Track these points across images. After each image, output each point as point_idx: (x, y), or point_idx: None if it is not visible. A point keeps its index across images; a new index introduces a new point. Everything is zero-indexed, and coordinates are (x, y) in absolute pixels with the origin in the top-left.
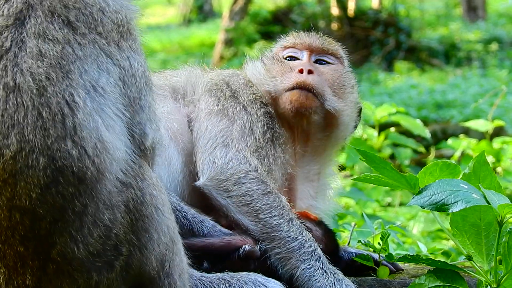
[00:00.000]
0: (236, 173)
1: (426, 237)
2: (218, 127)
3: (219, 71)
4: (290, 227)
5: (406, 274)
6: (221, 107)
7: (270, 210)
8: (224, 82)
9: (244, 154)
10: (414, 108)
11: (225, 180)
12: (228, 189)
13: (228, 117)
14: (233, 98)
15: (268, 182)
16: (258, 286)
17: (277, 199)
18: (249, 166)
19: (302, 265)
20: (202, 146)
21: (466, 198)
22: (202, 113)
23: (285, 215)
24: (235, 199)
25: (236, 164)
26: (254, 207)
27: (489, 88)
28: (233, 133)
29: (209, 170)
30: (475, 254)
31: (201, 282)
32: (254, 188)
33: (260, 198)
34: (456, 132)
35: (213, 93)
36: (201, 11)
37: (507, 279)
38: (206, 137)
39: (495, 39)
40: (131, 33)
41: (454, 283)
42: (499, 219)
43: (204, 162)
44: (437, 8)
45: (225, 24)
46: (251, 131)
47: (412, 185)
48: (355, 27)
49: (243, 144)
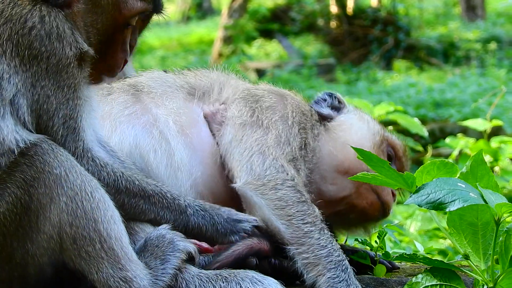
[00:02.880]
0: (273, 179)
1: (423, 236)
2: (253, 137)
3: (263, 85)
4: (321, 235)
5: (403, 272)
6: (255, 118)
7: (303, 217)
8: (271, 93)
9: (281, 163)
10: (412, 106)
11: (262, 185)
12: (264, 193)
13: (263, 127)
14: (270, 110)
15: (303, 192)
16: (255, 283)
17: (311, 208)
18: (286, 175)
19: (328, 273)
20: (239, 154)
21: (463, 197)
22: (235, 120)
23: (317, 223)
24: (269, 202)
25: (273, 172)
26: (288, 212)
27: (488, 87)
28: (268, 141)
29: (246, 176)
30: (472, 253)
31: (199, 278)
32: (290, 195)
33: (294, 204)
34: (454, 131)
35: (248, 103)
36: (200, 8)
37: (504, 278)
38: (242, 147)
39: (494, 38)
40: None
41: (451, 282)
42: (496, 218)
43: (242, 169)
44: (436, 7)
45: (224, 21)
46: (287, 141)
47: (410, 183)
48: (354, 25)
49: (280, 152)
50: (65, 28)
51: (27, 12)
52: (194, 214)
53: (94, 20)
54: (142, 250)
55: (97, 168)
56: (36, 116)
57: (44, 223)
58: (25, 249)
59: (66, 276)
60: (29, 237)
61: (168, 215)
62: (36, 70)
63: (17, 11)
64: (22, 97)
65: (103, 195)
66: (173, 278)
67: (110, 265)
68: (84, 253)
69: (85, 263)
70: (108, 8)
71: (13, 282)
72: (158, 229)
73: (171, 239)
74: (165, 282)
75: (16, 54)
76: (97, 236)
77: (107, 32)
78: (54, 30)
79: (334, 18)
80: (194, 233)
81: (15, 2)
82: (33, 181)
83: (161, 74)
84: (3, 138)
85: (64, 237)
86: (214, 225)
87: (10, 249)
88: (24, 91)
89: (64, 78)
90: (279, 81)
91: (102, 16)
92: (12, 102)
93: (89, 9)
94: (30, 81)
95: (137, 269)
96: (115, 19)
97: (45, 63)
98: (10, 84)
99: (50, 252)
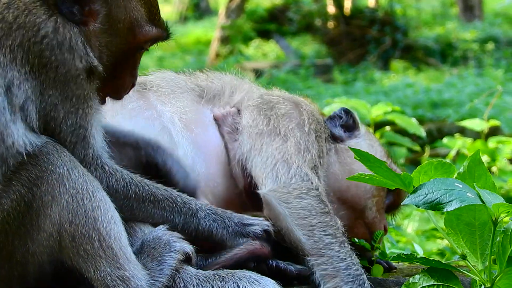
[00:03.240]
0: (298, 188)
1: (421, 236)
2: (273, 145)
3: (277, 91)
4: (341, 248)
5: (400, 273)
6: (271, 127)
7: (325, 228)
8: (285, 100)
9: (306, 171)
10: (410, 107)
11: (287, 193)
12: (288, 201)
13: (281, 135)
14: (285, 117)
15: (327, 202)
16: (252, 283)
17: (333, 220)
18: (311, 184)
19: (345, 286)
20: (262, 163)
21: (460, 197)
22: (251, 130)
23: (338, 236)
24: (293, 211)
25: (299, 181)
26: (311, 222)
27: (485, 88)
28: (289, 149)
29: (272, 183)
30: (470, 254)
31: (197, 277)
32: (314, 204)
33: (318, 215)
34: (451, 131)
35: (262, 111)
36: (197, 9)
37: (501, 278)
38: (264, 155)
39: (491, 38)
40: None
41: (448, 282)
42: (493, 218)
43: (267, 177)
44: (434, 7)
45: (221, 21)
46: (306, 148)
47: (407, 184)
48: (352, 25)
49: (302, 160)
50: (78, 41)
51: (42, 21)
52: (205, 217)
53: (109, 42)
54: (139, 251)
55: (105, 175)
56: (44, 122)
57: (44, 221)
58: (25, 248)
59: (65, 276)
60: (30, 236)
61: (178, 219)
62: (45, 79)
63: (31, 19)
64: (32, 103)
65: (104, 195)
66: (170, 279)
67: (108, 264)
68: (82, 251)
69: (83, 261)
70: (124, 32)
71: (12, 281)
72: (154, 230)
73: (167, 240)
74: (163, 283)
75: (26, 61)
76: (96, 235)
77: (119, 54)
78: (66, 42)
79: (331, 18)
80: (204, 236)
81: (30, 10)
82: (36, 180)
83: (171, 75)
84: (13, 142)
85: (63, 234)
86: (224, 228)
87: (11, 247)
88: (34, 98)
89: (72, 88)
90: (276, 81)
91: (117, 39)
92: (22, 108)
93: (105, 30)
94: (39, 89)
95: (135, 269)
96: (129, 43)
97: (53, 72)
98: (21, 90)
99: (50, 250)
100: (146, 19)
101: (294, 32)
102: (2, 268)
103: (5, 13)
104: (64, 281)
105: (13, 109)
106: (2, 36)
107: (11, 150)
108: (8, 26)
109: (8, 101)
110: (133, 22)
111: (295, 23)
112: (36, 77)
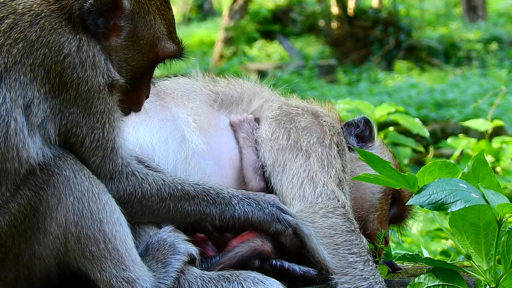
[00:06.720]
0: (324, 207)
1: (425, 237)
2: (296, 162)
3: (296, 100)
4: (365, 266)
5: (405, 273)
6: (292, 141)
7: (350, 247)
8: (305, 112)
9: (332, 189)
10: (414, 107)
11: (313, 213)
12: (314, 220)
13: (303, 151)
14: (306, 131)
15: (353, 220)
16: (256, 283)
17: (358, 238)
18: (337, 202)
19: None
20: (289, 181)
21: (465, 198)
22: (271, 145)
23: (363, 254)
24: (319, 230)
25: (325, 199)
26: (336, 241)
27: (489, 88)
28: (313, 166)
29: (299, 204)
30: (474, 254)
31: (201, 279)
32: (340, 223)
33: (343, 234)
34: (455, 132)
35: (282, 124)
36: (201, 10)
37: (506, 278)
38: (289, 173)
39: (494, 38)
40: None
41: (453, 282)
42: (498, 218)
43: (294, 197)
44: (437, 8)
45: (225, 23)
46: (330, 163)
47: (411, 184)
48: (355, 26)
49: (327, 176)
50: (100, 58)
51: (66, 40)
52: (239, 202)
53: (130, 57)
54: (143, 254)
55: (138, 181)
56: (64, 138)
57: (51, 224)
58: (32, 250)
59: (71, 278)
60: (37, 238)
61: (214, 210)
62: (65, 97)
63: (56, 39)
64: (50, 122)
65: (110, 197)
66: (175, 281)
67: (114, 265)
68: (88, 252)
69: (89, 262)
70: (146, 48)
71: (19, 283)
72: (159, 232)
73: (172, 242)
74: (168, 285)
75: (47, 81)
76: (101, 236)
77: (139, 69)
78: (90, 59)
79: (335, 19)
80: (241, 221)
81: (56, 29)
82: (43, 183)
83: (187, 81)
84: (28, 156)
85: (69, 236)
86: (260, 210)
87: (17, 251)
88: (52, 116)
89: (96, 104)
90: (280, 82)
91: (138, 55)
92: (40, 125)
93: (127, 46)
94: (58, 107)
95: (140, 271)
96: (149, 58)
97: (74, 90)
98: (40, 109)
99: (56, 253)
100: (167, 36)
101: (297, 33)
102: (9, 271)
103: (27, 31)
104: (70, 284)
105: (32, 127)
106: (24, 54)
107: (25, 164)
108: (30, 45)
109: (26, 119)
110: (155, 39)
111: (298, 24)
112: (56, 96)
